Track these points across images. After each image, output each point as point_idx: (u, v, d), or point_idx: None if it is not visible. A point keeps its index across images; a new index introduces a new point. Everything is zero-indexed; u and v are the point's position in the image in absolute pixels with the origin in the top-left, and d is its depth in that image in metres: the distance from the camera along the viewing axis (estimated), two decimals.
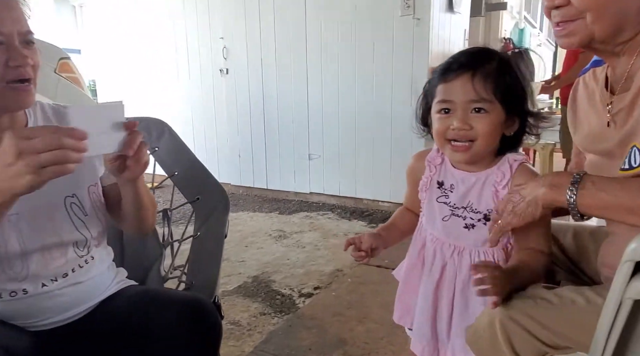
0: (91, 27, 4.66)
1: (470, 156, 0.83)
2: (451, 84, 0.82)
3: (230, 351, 1.62)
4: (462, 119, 0.80)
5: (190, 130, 4.14)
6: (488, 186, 0.83)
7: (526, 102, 0.83)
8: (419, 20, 3.00)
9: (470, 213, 0.85)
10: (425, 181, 0.92)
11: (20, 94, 0.77)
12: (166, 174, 1.27)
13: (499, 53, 0.84)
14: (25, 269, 0.82)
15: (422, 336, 0.92)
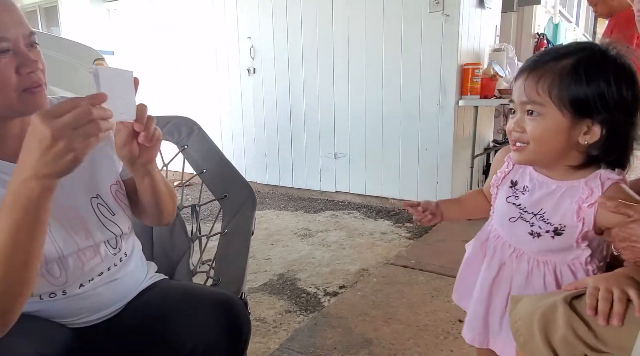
0: (124, 28, 4.80)
1: (525, 158, 0.79)
2: (516, 82, 0.79)
3: (256, 347, 1.63)
4: (517, 120, 0.77)
5: (218, 129, 4.21)
6: (568, 198, 0.76)
7: (610, 108, 0.71)
8: (448, 16, 2.94)
9: (540, 221, 0.79)
10: (499, 176, 0.89)
11: (35, 99, 0.75)
12: (195, 172, 1.29)
13: (588, 51, 0.73)
14: (63, 274, 0.83)
15: (474, 326, 0.92)
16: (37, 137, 0.60)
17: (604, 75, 0.71)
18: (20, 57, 0.72)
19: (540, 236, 0.79)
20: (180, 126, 1.32)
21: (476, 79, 3.01)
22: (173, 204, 0.99)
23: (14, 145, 0.77)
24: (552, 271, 0.80)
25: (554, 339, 0.75)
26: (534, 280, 0.82)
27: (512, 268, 0.85)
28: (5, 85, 0.70)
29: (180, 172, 1.33)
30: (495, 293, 0.88)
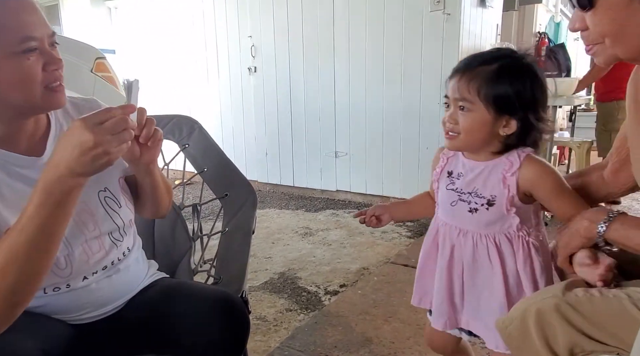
0: (125, 27, 4.80)
1: (456, 145, 0.93)
2: (450, 81, 0.92)
3: (256, 345, 1.64)
4: (451, 114, 0.91)
5: (219, 128, 4.21)
6: (495, 173, 0.90)
7: (527, 106, 0.86)
8: (449, 15, 2.94)
9: (475, 197, 0.92)
10: (437, 171, 1.01)
11: (57, 95, 0.80)
12: (196, 171, 1.30)
13: (509, 58, 0.88)
14: (69, 266, 0.85)
15: (442, 312, 1.00)
16: (79, 140, 0.66)
17: (521, 79, 0.86)
18: (46, 55, 0.76)
19: (478, 210, 0.91)
20: (181, 124, 1.32)
21: None
22: (169, 199, 1.05)
23: (26, 142, 0.83)
24: (492, 241, 0.92)
25: (552, 338, 0.76)
26: (479, 253, 0.93)
27: (460, 247, 0.95)
28: (33, 81, 0.75)
29: (181, 171, 1.34)
30: (453, 275, 0.97)
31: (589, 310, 0.74)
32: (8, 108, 0.78)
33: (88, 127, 0.66)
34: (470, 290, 0.96)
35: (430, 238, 1.04)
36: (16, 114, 0.80)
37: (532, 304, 0.79)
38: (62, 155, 0.67)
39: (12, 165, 0.80)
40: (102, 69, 2.26)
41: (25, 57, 0.74)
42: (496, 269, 0.91)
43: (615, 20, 0.65)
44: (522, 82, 0.86)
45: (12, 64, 0.73)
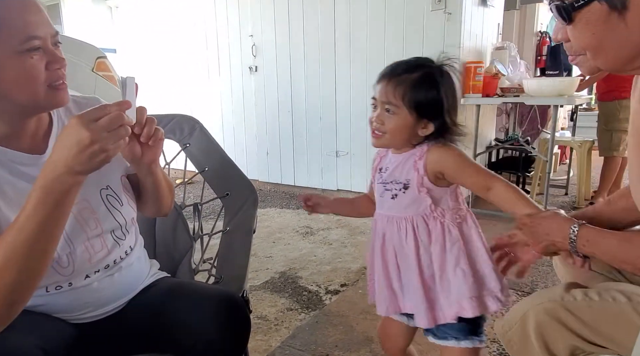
0: (126, 27, 4.80)
1: (382, 143, 1.01)
2: (378, 85, 0.99)
3: (257, 345, 1.64)
4: (378, 115, 0.98)
5: (220, 127, 4.21)
6: (409, 161, 0.99)
7: (443, 111, 0.96)
8: (450, 15, 2.93)
9: (395, 184, 1.01)
10: (373, 169, 1.10)
11: (60, 94, 0.80)
12: (197, 170, 1.30)
13: (428, 67, 0.97)
14: (71, 264, 0.85)
15: (384, 296, 1.04)
16: (76, 138, 0.66)
17: (439, 88, 0.95)
18: (50, 54, 0.77)
19: (397, 195, 1.01)
20: (182, 124, 1.32)
21: (478, 78, 3.01)
22: (171, 198, 1.05)
23: (29, 140, 0.84)
24: (411, 224, 0.99)
25: (552, 343, 0.76)
26: (403, 236, 1.00)
27: (390, 233, 1.02)
28: (36, 80, 0.76)
29: (182, 171, 1.34)
30: (387, 261, 1.03)
31: (588, 315, 0.74)
32: (12, 106, 0.78)
33: (84, 125, 0.66)
34: (405, 274, 1.02)
35: (372, 232, 1.10)
36: (19, 112, 0.80)
37: (531, 309, 0.79)
38: (60, 154, 0.67)
39: (15, 163, 0.81)
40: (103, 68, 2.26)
41: (29, 56, 0.74)
42: (411, 248, 0.98)
43: (594, 35, 0.66)
44: (440, 91, 0.95)
45: (16, 63, 0.73)
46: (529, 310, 0.80)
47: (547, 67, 4.59)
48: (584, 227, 0.76)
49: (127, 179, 0.99)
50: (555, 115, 2.85)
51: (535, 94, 2.80)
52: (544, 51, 4.61)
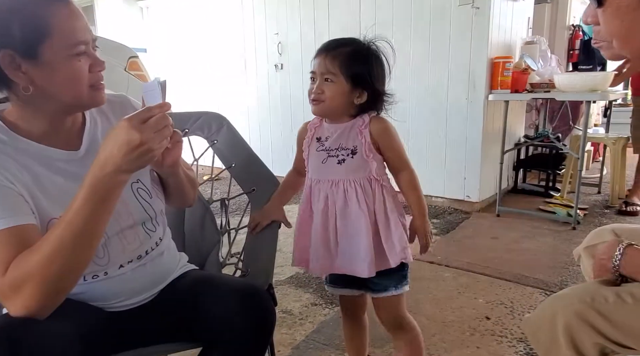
0: (156, 27, 4.93)
1: (321, 109, 1.12)
2: (316, 59, 1.11)
3: (282, 338, 1.67)
4: (318, 85, 1.10)
5: (246, 124, 4.28)
6: (353, 129, 1.13)
7: (374, 81, 1.11)
8: (478, 9, 2.88)
9: (342, 150, 1.13)
10: (307, 140, 1.19)
11: (100, 94, 0.86)
12: (224, 166, 1.33)
13: (358, 43, 1.11)
14: (106, 255, 0.89)
15: (318, 257, 1.15)
16: (126, 138, 0.70)
17: (369, 60, 1.10)
18: (92, 57, 0.83)
19: (345, 160, 1.12)
20: (210, 121, 1.36)
21: (507, 73, 2.95)
22: (194, 191, 1.11)
23: (64, 138, 0.89)
24: (359, 185, 1.12)
25: (581, 344, 0.75)
26: (349, 197, 1.11)
27: (333, 196, 1.13)
28: (82, 81, 0.82)
29: (210, 167, 1.37)
30: (328, 223, 1.14)
31: (619, 317, 0.73)
32: (56, 106, 0.84)
33: (134, 127, 0.70)
34: (342, 236, 1.13)
35: (305, 199, 1.18)
36: (62, 111, 0.86)
37: (560, 310, 0.78)
38: (110, 154, 0.71)
39: (53, 159, 0.85)
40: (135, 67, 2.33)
41: (77, 60, 0.80)
42: (363, 207, 1.11)
43: (623, 23, 0.65)
44: (371, 63, 1.11)
45: (67, 66, 0.79)
46: (558, 311, 0.79)
47: (580, 61, 4.45)
48: (630, 247, 0.78)
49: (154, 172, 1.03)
50: (587, 111, 2.77)
51: (567, 89, 2.72)
52: (577, 45, 4.47)
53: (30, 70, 0.78)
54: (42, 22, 0.76)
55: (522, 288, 2.04)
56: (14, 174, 0.78)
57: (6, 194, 0.75)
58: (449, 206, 3.32)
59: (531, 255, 2.44)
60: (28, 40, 0.76)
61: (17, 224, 0.73)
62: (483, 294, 1.99)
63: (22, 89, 0.79)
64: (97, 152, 0.74)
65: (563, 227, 2.87)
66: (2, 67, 0.77)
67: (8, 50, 0.76)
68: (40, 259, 0.69)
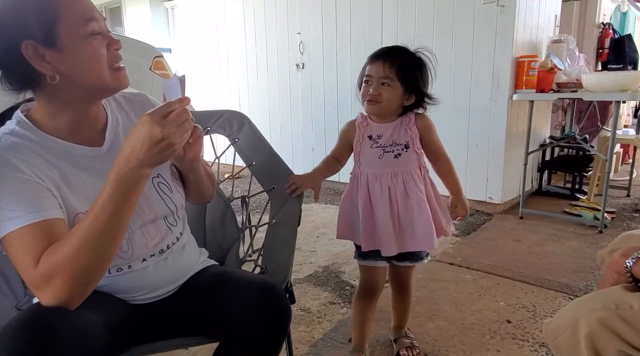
0: (180, 27, 5.01)
1: (377, 109, 1.29)
2: (372, 65, 1.28)
3: (301, 336, 1.68)
4: (375, 87, 1.26)
5: (267, 123, 4.31)
6: (402, 127, 1.31)
7: (422, 86, 1.29)
8: (504, 7, 2.83)
9: (396, 146, 1.31)
10: (358, 138, 1.34)
11: (122, 74, 0.87)
12: (245, 164, 1.35)
13: (410, 53, 1.29)
14: (130, 249, 0.92)
15: (390, 242, 1.31)
16: (149, 133, 0.72)
17: (420, 68, 1.29)
18: (107, 36, 0.84)
19: (401, 154, 1.31)
20: (231, 119, 1.38)
21: (532, 72, 2.88)
22: (212, 187, 1.13)
23: (88, 134, 0.91)
24: (415, 174, 1.31)
25: (603, 351, 0.73)
26: (408, 186, 1.30)
27: (394, 186, 1.30)
28: (101, 59, 0.82)
29: (231, 165, 1.39)
30: (392, 210, 1.30)
31: None
32: (80, 93, 0.84)
33: (156, 122, 0.72)
34: (405, 220, 1.31)
35: (363, 191, 1.33)
36: (88, 97, 0.87)
37: (583, 316, 0.76)
38: (133, 149, 0.73)
39: (77, 156, 0.88)
40: (160, 67, 2.38)
41: (93, 39, 0.81)
42: (421, 192, 1.30)
43: None
44: (422, 71, 1.29)
45: (85, 46, 0.80)
46: (580, 317, 0.77)
47: (610, 60, 4.32)
48: None
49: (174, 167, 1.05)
50: (617, 111, 2.68)
51: (595, 89, 2.65)
52: (607, 44, 4.34)
53: (53, 58, 0.79)
54: (51, 7, 0.77)
55: (545, 291, 2.00)
56: (42, 170, 0.81)
57: (35, 189, 0.78)
58: (471, 207, 3.26)
59: (555, 258, 2.39)
60: (43, 26, 0.77)
61: (46, 218, 0.76)
62: (504, 298, 1.95)
63: (49, 79, 0.79)
64: (119, 149, 0.75)
65: (589, 230, 2.80)
66: (27, 58, 0.77)
67: (29, 41, 0.77)
68: (69, 252, 0.71)
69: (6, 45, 0.77)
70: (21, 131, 0.83)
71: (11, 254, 0.75)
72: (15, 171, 0.78)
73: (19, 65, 0.78)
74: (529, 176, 3.45)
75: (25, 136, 0.83)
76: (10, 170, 0.77)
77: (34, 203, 0.76)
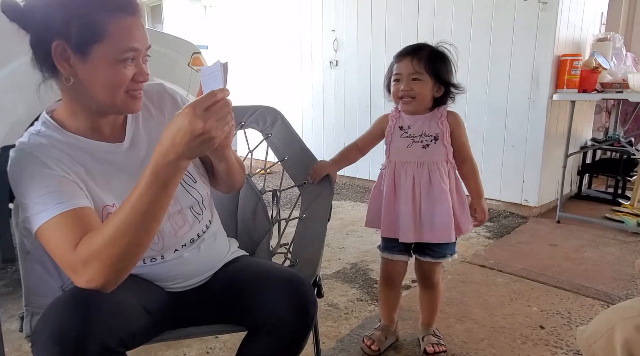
0: (217, 24, 5.11)
1: (413, 106, 1.35)
2: (400, 63, 1.34)
3: (327, 330, 1.69)
4: (406, 84, 1.33)
5: (299, 119, 4.34)
6: (433, 120, 1.37)
7: (449, 76, 1.35)
8: (546, 4, 2.74)
9: (425, 137, 1.36)
10: (389, 128, 1.42)
11: (135, 102, 0.88)
12: (277, 159, 1.37)
13: (432, 47, 1.34)
14: (160, 241, 0.95)
15: (408, 229, 1.37)
16: (191, 127, 0.71)
17: (444, 59, 1.34)
18: (139, 67, 0.86)
19: (429, 145, 1.36)
20: (265, 115, 1.40)
21: (575, 72, 2.78)
22: (243, 175, 1.13)
23: (110, 130, 0.94)
24: (441, 166, 1.36)
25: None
26: (433, 177, 1.35)
27: (419, 176, 1.36)
28: (119, 86, 0.84)
29: (263, 160, 1.41)
30: (415, 198, 1.36)
31: None
32: (92, 105, 0.87)
33: (198, 115, 0.71)
34: (427, 210, 1.36)
35: (389, 180, 1.40)
36: (97, 111, 0.89)
37: (619, 323, 0.73)
38: (172, 141, 0.73)
39: (100, 152, 0.91)
40: (197, 63, 2.44)
41: (123, 66, 0.82)
42: (445, 185, 1.34)
43: None
44: (445, 61, 1.34)
45: (111, 69, 0.82)
46: (617, 324, 0.75)
47: None
48: None
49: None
50: None
51: None
52: None
53: (76, 64, 0.81)
54: (100, 26, 0.79)
55: (582, 298, 1.93)
56: (68, 166, 0.84)
57: (63, 183, 0.81)
58: (505, 209, 3.19)
59: (593, 265, 2.30)
60: (83, 39, 0.79)
61: (75, 207, 0.79)
62: (538, 303, 1.90)
63: (65, 80, 0.83)
64: (140, 142, 0.77)
65: (631, 238, 2.67)
66: (52, 54, 0.80)
67: (62, 42, 0.79)
68: (105, 240, 0.74)
69: (42, 35, 0.80)
70: (47, 132, 0.87)
71: (47, 244, 0.78)
72: (44, 167, 0.81)
73: (45, 55, 0.81)
74: (568, 179, 3.33)
75: (51, 135, 0.87)
76: (39, 166, 0.81)
77: (63, 194, 0.79)
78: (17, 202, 0.87)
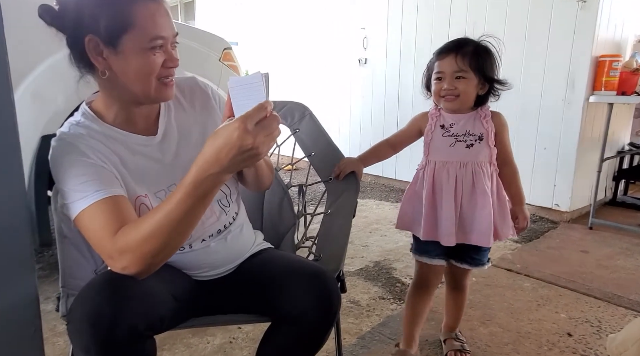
0: (247, 20, 5.17)
1: (457, 105, 1.28)
2: (443, 61, 1.26)
3: (349, 327, 1.69)
4: (450, 82, 1.25)
5: (327, 116, 4.34)
6: (477, 119, 1.30)
7: (493, 73, 1.28)
8: (585, 3, 2.64)
9: (469, 136, 1.29)
10: (430, 127, 1.34)
11: (168, 89, 0.91)
12: (304, 154, 1.38)
13: (475, 42, 1.28)
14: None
15: (450, 232, 1.29)
16: (240, 142, 0.69)
17: (488, 55, 1.28)
18: (168, 54, 0.88)
19: (473, 145, 1.29)
20: (293, 110, 1.41)
21: (614, 73, 2.67)
22: (271, 174, 1.12)
23: (143, 123, 0.96)
24: (484, 167, 1.29)
25: None
26: (477, 177, 1.28)
27: (462, 176, 1.29)
28: (151, 73, 0.86)
29: (290, 156, 1.42)
30: (457, 198, 1.29)
31: None
32: (127, 95, 0.90)
33: (248, 131, 0.69)
34: (468, 212, 1.29)
35: (429, 180, 1.32)
36: (133, 101, 0.92)
37: None
38: (218, 156, 0.71)
39: (134, 144, 0.94)
40: (228, 58, 2.48)
41: (152, 53, 0.84)
42: (487, 187, 1.28)
43: None
44: (490, 57, 1.28)
45: (141, 58, 0.84)
46: None
47: None
48: None
49: None
50: None
51: None
52: None
53: (109, 56, 0.84)
54: (126, 17, 0.81)
55: (614, 307, 1.87)
56: (105, 155, 0.88)
57: (100, 171, 0.84)
58: (534, 213, 3.11)
59: (627, 274, 2.21)
60: (111, 31, 0.82)
61: (112, 195, 0.82)
62: (566, 310, 1.85)
63: (100, 73, 0.86)
64: (172, 136, 0.79)
65: None
66: (86, 50, 0.83)
67: (94, 36, 0.83)
68: (141, 237, 0.76)
69: (76, 32, 0.84)
70: (86, 122, 0.91)
71: (85, 230, 0.82)
72: (82, 156, 0.85)
73: (80, 52, 0.85)
74: (603, 185, 3.21)
75: (89, 126, 0.90)
76: (78, 155, 0.84)
77: (100, 182, 0.82)
78: (57, 189, 0.91)
